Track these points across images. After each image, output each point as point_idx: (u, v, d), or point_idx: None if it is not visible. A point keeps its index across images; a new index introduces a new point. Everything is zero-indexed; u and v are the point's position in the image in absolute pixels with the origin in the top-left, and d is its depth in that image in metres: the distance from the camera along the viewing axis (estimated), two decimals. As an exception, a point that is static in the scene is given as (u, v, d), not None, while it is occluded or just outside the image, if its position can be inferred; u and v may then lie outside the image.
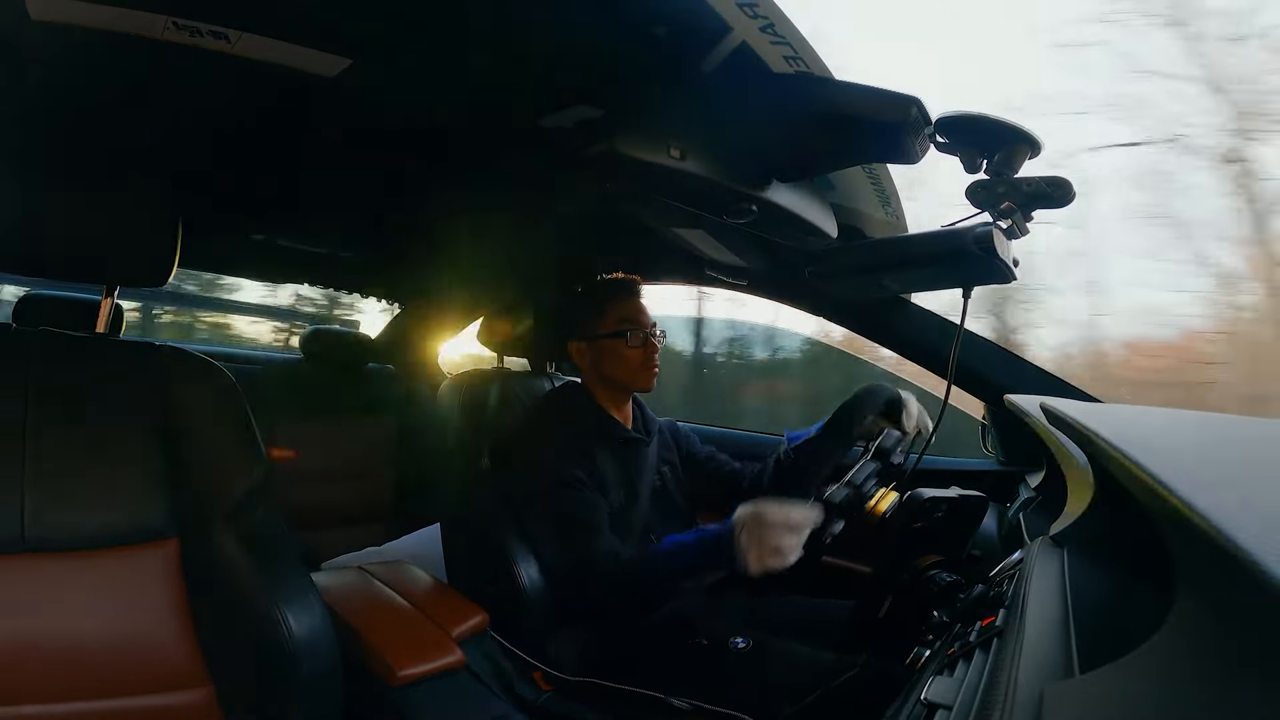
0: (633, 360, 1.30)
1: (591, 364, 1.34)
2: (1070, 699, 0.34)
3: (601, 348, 1.32)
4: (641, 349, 1.31)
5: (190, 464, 0.94)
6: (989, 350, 1.37)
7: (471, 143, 1.10)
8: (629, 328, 1.30)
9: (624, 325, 1.30)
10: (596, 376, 1.35)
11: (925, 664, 0.61)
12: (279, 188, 1.40)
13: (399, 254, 1.91)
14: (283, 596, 0.90)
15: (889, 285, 1.26)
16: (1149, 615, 0.38)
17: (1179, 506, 0.38)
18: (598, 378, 1.35)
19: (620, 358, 1.31)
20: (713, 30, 0.73)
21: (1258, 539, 0.30)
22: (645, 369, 1.31)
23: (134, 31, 0.76)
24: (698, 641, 1.12)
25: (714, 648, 1.10)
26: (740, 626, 1.14)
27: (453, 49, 0.80)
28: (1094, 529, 0.66)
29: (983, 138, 0.86)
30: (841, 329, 1.68)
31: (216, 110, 1.03)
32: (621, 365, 1.31)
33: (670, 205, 1.05)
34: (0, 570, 0.82)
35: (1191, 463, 0.48)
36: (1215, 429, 0.74)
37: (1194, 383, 2.28)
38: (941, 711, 0.43)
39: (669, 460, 1.42)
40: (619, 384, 1.33)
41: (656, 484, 1.36)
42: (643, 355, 1.31)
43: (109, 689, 0.85)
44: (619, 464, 1.30)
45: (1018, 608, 0.51)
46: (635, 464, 1.33)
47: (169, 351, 0.98)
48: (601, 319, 1.33)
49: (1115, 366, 2.59)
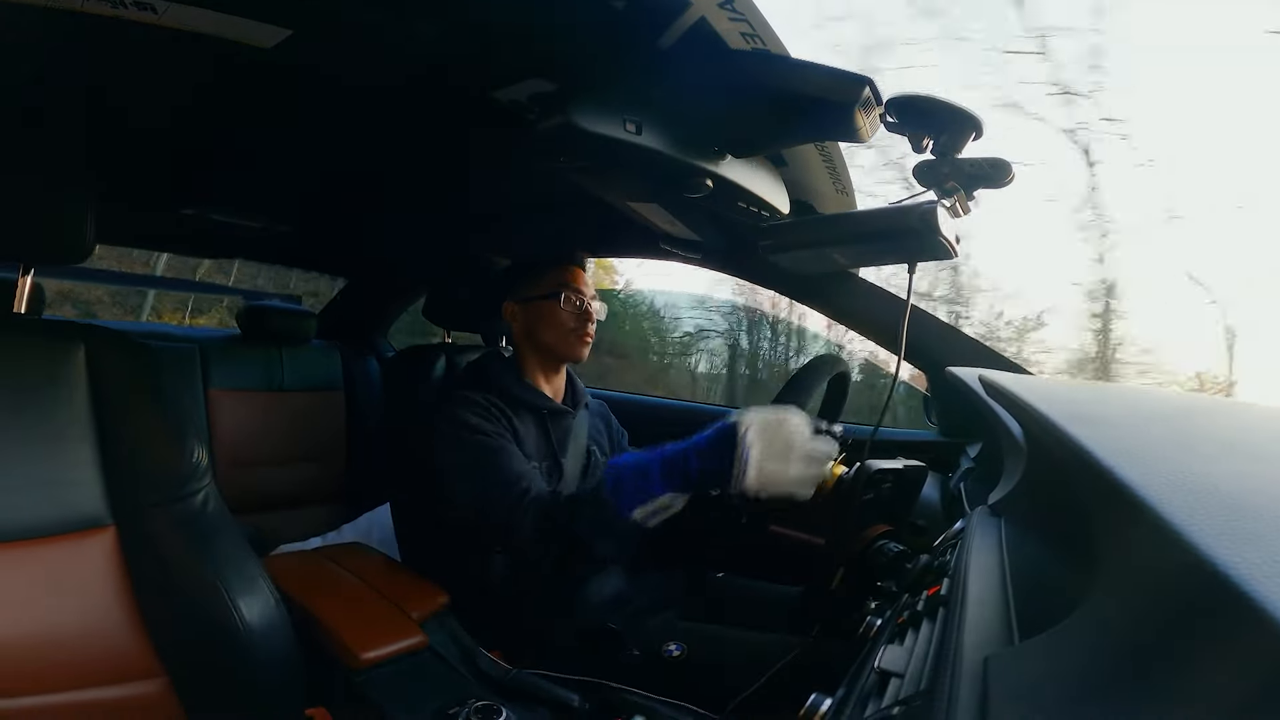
0: (564, 324, 1.26)
1: (524, 327, 1.29)
2: (1011, 667, 0.36)
3: (535, 309, 1.28)
4: (574, 314, 1.26)
5: (122, 447, 0.90)
6: (931, 324, 1.42)
7: (419, 116, 1.06)
8: (565, 290, 1.26)
9: (560, 287, 1.26)
10: (528, 342, 1.29)
11: (878, 633, 0.64)
12: (210, 162, 1.32)
13: (342, 228, 1.84)
14: (231, 584, 0.88)
15: (838, 260, 1.29)
16: (1081, 582, 0.41)
17: (1105, 477, 0.40)
18: (529, 344, 1.29)
19: (553, 320, 1.26)
20: (671, 5, 0.72)
21: (1182, 511, 0.33)
22: (577, 336, 1.27)
23: (47, 4, 0.70)
24: (630, 653, 1.10)
25: (647, 658, 1.08)
26: (673, 633, 1.12)
27: (400, 19, 0.76)
28: (1028, 498, 0.70)
29: (930, 119, 0.89)
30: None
31: (142, 83, 0.96)
32: (553, 329, 1.26)
33: (625, 179, 1.04)
34: None
35: (1119, 434, 0.51)
36: (1144, 403, 0.78)
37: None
38: (894, 679, 0.45)
39: (599, 441, 1.38)
40: (550, 350, 1.28)
41: (585, 461, 1.32)
42: (575, 320, 1.26)
43: (57, 683, 0.83)
44: (542, 433, 1.25)
45: (960, 577, 0.54)
46: (559, 435, 1.27)
47: (95, 330, 0.93)
48: (539, 281, 1.28)
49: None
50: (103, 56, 0.86)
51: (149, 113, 1.07)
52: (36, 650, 0.82)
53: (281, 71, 0.89)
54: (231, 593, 0.88)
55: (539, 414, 1.26)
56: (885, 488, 0.93)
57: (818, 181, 1.19)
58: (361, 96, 1.00)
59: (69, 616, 0.84)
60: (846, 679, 0.58)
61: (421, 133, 1.13)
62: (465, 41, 0.81)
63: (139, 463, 0.91)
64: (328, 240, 2.01)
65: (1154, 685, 0.28)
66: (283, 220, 1.77)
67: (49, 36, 0.80)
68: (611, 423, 1.46)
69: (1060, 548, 0.52)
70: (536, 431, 1.25)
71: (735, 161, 0.96)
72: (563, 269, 1.29)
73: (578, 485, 1.26)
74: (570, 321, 1.26)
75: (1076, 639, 0.35)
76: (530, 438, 1.22)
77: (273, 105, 1.04)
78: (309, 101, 1.02)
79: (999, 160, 0.94)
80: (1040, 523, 0.62)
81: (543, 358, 1.30)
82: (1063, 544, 0.52)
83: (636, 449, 1.29)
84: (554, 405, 1.29)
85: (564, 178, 1.09)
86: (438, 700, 0.87)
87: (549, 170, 1.14)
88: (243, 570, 0.91)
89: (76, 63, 0.89)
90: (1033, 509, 0.66)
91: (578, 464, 1.29)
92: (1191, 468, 0.40)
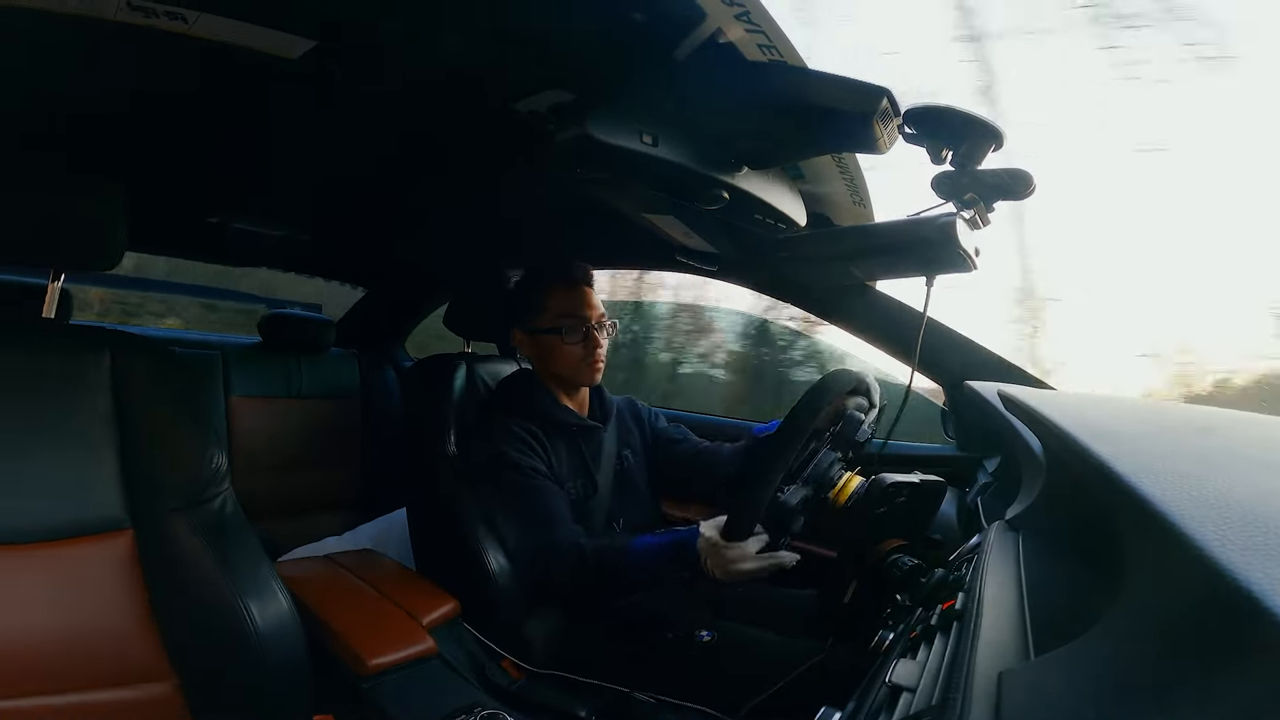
0: (572, 356, 1.25)
1: (534, 355, 1.30)
2: (1025, 682, 0.35)
3: (541, 342, 1.27)
4: (581, 344, 1.25)
5: (143, 452, 0.91)
6: (950, 337, 1.40)
7: (440, 126, 1.08)
8: (566, 323, 1.24)
9: (561, 320, 1.25)
10: (542, 368, 1.31)
11: (890, 647, 0.63)
12: (236, 171, 1.35)
13: (363, 236, 1.87)
14: (245, 588, 0.89)
15: (855, 273, 1.28)
16: (1100, 598, 0.40)
17: (1127, 493, 0.39)
18: (543, 370, 1.31)
19: (559, 354, 1.26)
20: (688, 17, 0.72)
21: (1205, 527, 0.32)
22: (587, 365, 1.26)
23: (84, 13, 0.72)
24: (663, 636, 1.12)
25: (679, 641, 1.10)
26: (707, 619, 1.15)
27: (423, 31, 0.78)
28: (1047, 513, 0.68)
29: (949, 129, 0.88)
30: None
31: (173, 92, 0.98)
32: (561, 361, 1.26)
33: (641, 190, 1.04)
34: None
35: (1141, 451, 0.50)
36: (1169, 418, 0.77)
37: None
38: (906, 694, 0.44)
39: (630, 444, 1.38)
40: (563, 379, 1.29)
41: (617, 469, 1.33)
42: (583, 350, 1.25)
43: (69, 683, 0.84)
44: (574, 453, 1.27)
45: (975, 592, 0.53)
46: (592, 452, 1.29)
47: (119, 336, 0.95)
48: (541, 312, 1.27)
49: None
50: (136, 67, 0.88)
51: (180, 122, 1.10)
52: (50, 651, 0.83)
53: (306, 82, 0.91)
54: (245, 596, 0.88)
55: (571, 433, 1.28)
56: (900, 502, 0.91)
57: (834, 193, 1.18)
58: (383, 107, 1.01)
59: (83, 618, 0.85)
60: (857, 693, 0.57)
61: (441, 143, 1.15)
62: (486, 52, 0.83)
63: (159, 467, 0.92)
64: (348, 249, 2.04)
65: (1174, 702, 0.27)
66: (304, 229, 1.81)
67: (83, 47, 0.82)
68: (641, 415, 1.45)
69: (1079, 563, 0.51)
70: (569, 452, 1.27)
71: (752, 173, 0.96)
72: (562, 295, 1.27)
73: (610, 496, 1.29)
74: (578, 352, 1.26)
75: (1094, 654, 0.34)
76: (564, 460, 1.25)
77: (297, 116, 1.06)
78: (332, 112, 1.04)
79: (1019, 171, 0.93)
80: (1059, 538, 0.61)
81: (559, 382, 1.31)
82: (1082, 560, 0.51)
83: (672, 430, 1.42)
84: (585, 422, 1.31)
85: (581, 189, 1.10)
86: (444, 708, 0.87)
87: (566, 181, 1.15)
88: (257, 574, 0.91)
89: (111, 73, 0.91)
90: (1052, 524, 0.65)
91: (609, 477, 1.31)
92: (1215, 483, 0.39)
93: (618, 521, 1.29)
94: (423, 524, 1.41)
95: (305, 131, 1.13)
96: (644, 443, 1.42)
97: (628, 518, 1.31)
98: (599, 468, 1.29)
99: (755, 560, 0.95)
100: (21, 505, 0.84)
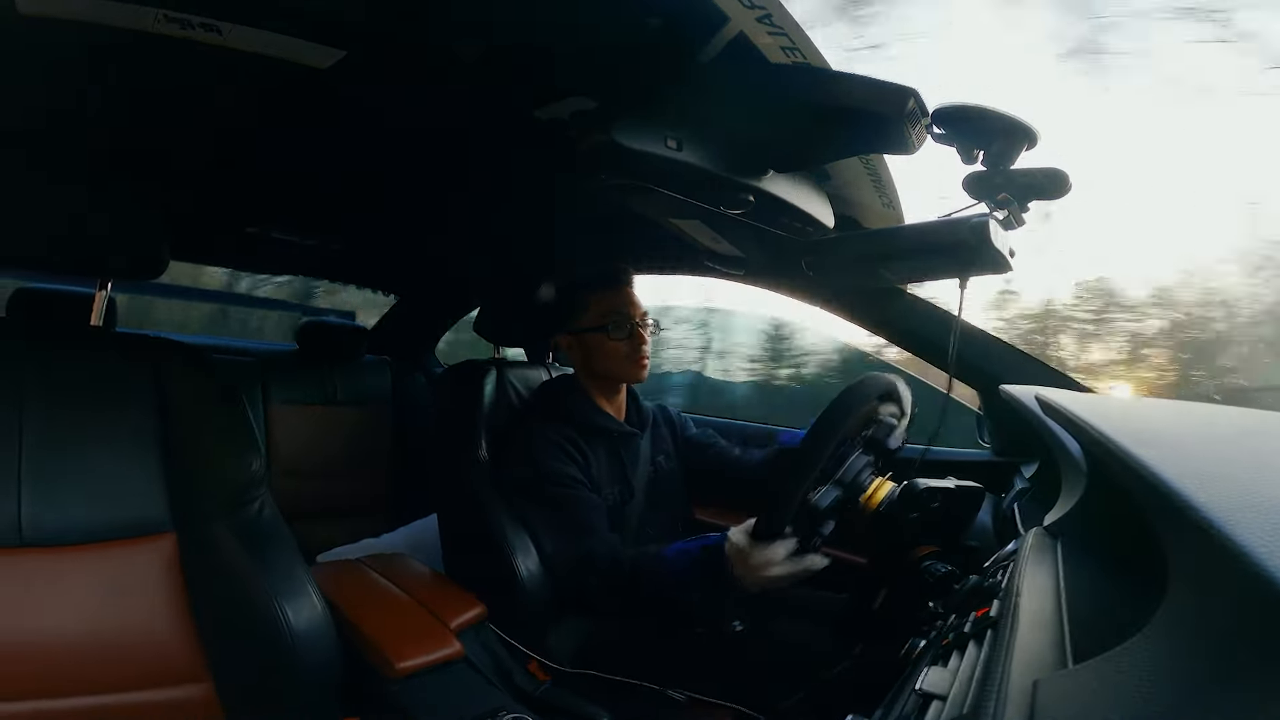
0: (618, 353, 1.28)
1: (580, 357, 1.33)
2: (1062, 690, 0.34)
3: (587, 341, 1.30)
4: (626, 340, 1.28)
5: (186, 457, 0.94)
6: (984, 340, 1.37)
7: (466, 134, 1.10)
8: (612, 320, 1.28)
9: (607, 318, 1.28)
10: (586, 369, 1.33)
11: (920, 654, 0.62)
12: (272, 180, 1.39)
13: (394, 245, 1.90)
14: (281, 590, 0.90)
15: (885, 275, 1.26)
16: (1141, 606, 0.39)
17: (1172, 499, 0.38)
18: (587, 371, 1.33)
19: (606, 351, 1.29)
20: (710, 20, 0.72)
21: (1254, 534, 0.30)
22: (633, 361, 1.29)
23: (124, 25, 0.75)
24: (695, 630, 1.12)
25: (711, 633, 1.10)
26: (739, 611, 1.13)
27: (446, 39, 0.79)
28: (1088, 520, 0.66)
29: (980, 129, 0.86)
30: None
31: (210, 103, 1.02)
32: (608, 359, 1.29)
33: (667, 195, 1.04)
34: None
35: (1187, 455, 0.48)
36: (1213, 421, 0.74)
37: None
38: (936, 702, 0.43)
39: (664, 450, 1.40)
40: (609, 377, 1.32)
41: (651, 475, 1.35)
42: (628, 347, 1.28)
43: (108, 684, 0.86)
44: (613, 459, 1.29)
45: (1011, 599, 0.51)
46: (629, 458, 1.31)
47: (163, 344, 0.98)
48: (585, 312, 1.31)
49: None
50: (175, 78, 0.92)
51: (220, 133, 1.13)
52: (91, 652, 0.85)
53: (338, 95, 0.94)
54: (280, 599, 0.89)
55: (611, 438, 1.30)
56: (934, 507, 0.89)
57: (863, 195, 1.17)
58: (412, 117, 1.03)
59: (124, 619, 0.88)
60: (885, 701, 0.56)
61: (470, 151, 1.17)
62: (510, 62, 0.84)
63: (200, 472, 0.94)
64: (380, 257, 2.08)
65: (1219, 712, 0.26)
66: (337, 238, 1.85)
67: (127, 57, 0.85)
68: (673, 421, 1.47)
69: (1121, 570, 0.49)
70: (609, 458, 1.29)
71: (778, 176, 0.95)
72: (607, 295, 1.31)
73: (644, 502, 1.31)
74: (624, 348, 1.28)
75: (1135, 663, 0.33)
76: (603, 466, 1.27)
77: (330, 126, 1.09)
78: (361, 122, 1.07)
79: (1055, 170, 0.91)
80: (1100, 545, 0.59)
81: (602, 383, 1.33)
82: (1124, 567, 0.49)
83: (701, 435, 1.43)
84: (624, 429, 1.33)
85: (607, 195, 1.11)
86: (469, 711, 0.87)
87: (593, 187, 1.16)
88: (292, 577, 0.93)
89: (155, 85, 0.95)
90: (1093, 531, 0.63)
91: (644, 482, 1.33)
92: (1262, 489, 0.38)
93: (650, 527, 1.29)
94: (452, 528, 1.43)
95: (336, 142, 1.16)
96: (676, 448, 1.43)
97: (661, 523, 1.32)
98: (635, 473, 1.31)
99: (783, 565, 0.93)
100: (70, 510, 0.86)
